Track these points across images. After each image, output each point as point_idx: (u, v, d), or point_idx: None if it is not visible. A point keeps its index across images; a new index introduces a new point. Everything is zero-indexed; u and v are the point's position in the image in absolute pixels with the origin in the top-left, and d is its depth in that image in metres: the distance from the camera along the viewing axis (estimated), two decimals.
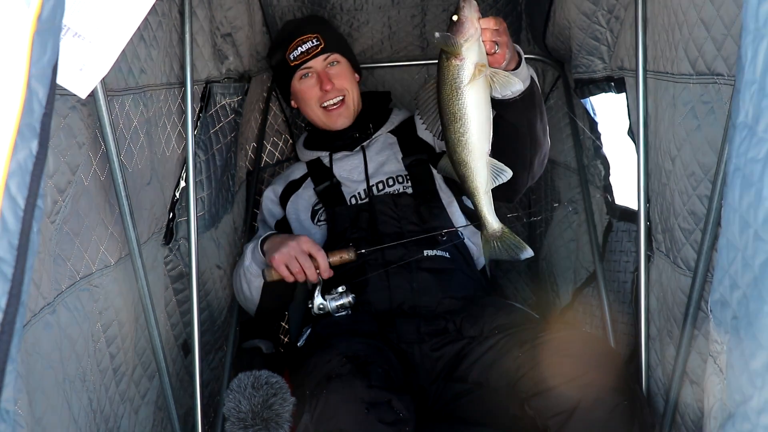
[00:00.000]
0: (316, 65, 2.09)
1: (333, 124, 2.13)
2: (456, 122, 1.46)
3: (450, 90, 1.44)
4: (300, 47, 2.09)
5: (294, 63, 2.09)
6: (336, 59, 2.12)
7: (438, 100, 1.48)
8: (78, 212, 1.24)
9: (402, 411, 1.46)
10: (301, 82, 2.11)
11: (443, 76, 1.44)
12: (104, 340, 1.37)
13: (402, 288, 1.85)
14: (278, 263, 1.79)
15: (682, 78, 1.40)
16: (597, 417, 1.42)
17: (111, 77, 1.34)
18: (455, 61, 1.41)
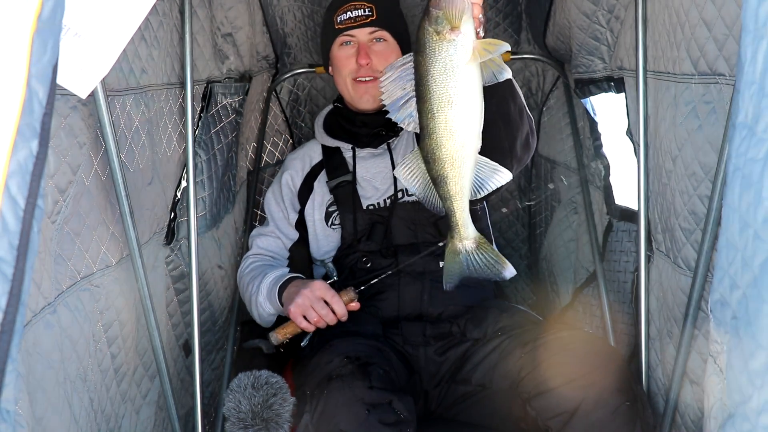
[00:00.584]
0: (360, 36, 1.93)
1: (358, 99, 1.95)
2: (447, 109, 1.26)
3: (443, 69, 1.24)
4: (349, 12, 1.94)
5: (338, 27, 1.94)
6: (383, 36, 1.94)
7: (421, 82, 1.27)
8: (79, 212, 1.25)
9: (403, 412, 1.46)
10: (341, 48, 1.96)
11: (434, 52, 1.24)
12: (105, 340, 1.37)
13: (412, 298, 1.84)
14: (296, 315, 1.74)
15: (684, 78, 1.40)
16: (598, 418, 1.42)
17: (112, 77, 1.34)
18: (451, 35, 1.23)
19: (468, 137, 1.29)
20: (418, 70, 1.27)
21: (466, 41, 1.23)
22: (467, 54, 1.23)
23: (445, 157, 1.30)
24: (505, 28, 2.50)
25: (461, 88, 1.25)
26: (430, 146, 1.30)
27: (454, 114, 1.26)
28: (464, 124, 1.28)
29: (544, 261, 2.56)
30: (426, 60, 1.25)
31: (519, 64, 2.61)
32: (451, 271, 1.44)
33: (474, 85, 1.26)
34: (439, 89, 1.25)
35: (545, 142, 2.59)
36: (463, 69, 1.24)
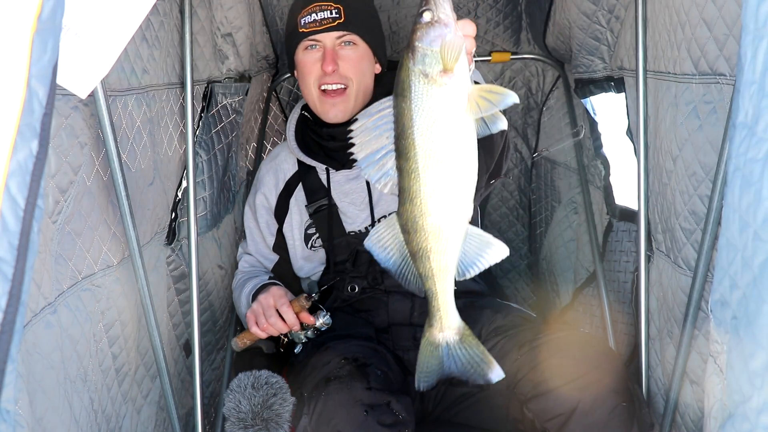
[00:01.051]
0: (326, 40, 1.75)
1: (325, 113, 1.79)
2: (435, 169, 1.03)
3: (431, 120, 1.01)
4: (314, 14, 1.75)
5: (302, 30, 1.76)
6: (352, 40, 1.76)
7: (404, 134, 1.03)
8: (80, 212, 1.25)
9: (401, 413, 1.46)
10: (305, 53, 1.78)
11: (420, 98, 1.01)
12: (106, 340, 1.37)
13: (401, 311, 1.82)
14: (249, 321, 1.72)
15: (685, 78, 1.40)
16: (596, 418, 1.42)
17: (113, 77, 1.34)
18: (442, 78, 1.00)
19: (459, 204, 1.06)
20: (400, 119, 1.04)
21: (461, 86, 1.02)
22: (462, 102, 1.02)
23: (429, 227, 1.06)
24: (505, 28, 2.50)
25: (453, 144, 1.03)
26: (412, 214, 1.06)
27: (443, 175, 1.04)
28: (455, 189, 1.05)
29: (544, 261, 2.56)
30: (410, 108, 1.02)
31: (519, 64, 2.61)
32: (428, 367, 1.21)
33: (469, 140, 1.04)
34: (425, 145, 1.02)
35: (545, 142, 2.59)
36: (456, 121, 1.02)
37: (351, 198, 1.85)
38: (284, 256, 1.95)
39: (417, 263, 1.11)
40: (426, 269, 1.10)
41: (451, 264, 1.09)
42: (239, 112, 2.13)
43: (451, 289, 1.13)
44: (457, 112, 1.01)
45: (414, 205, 1.06)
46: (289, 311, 1.69)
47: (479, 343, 1.20)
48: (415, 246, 1.09)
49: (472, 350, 1.18)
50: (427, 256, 1.09)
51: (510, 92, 1.01)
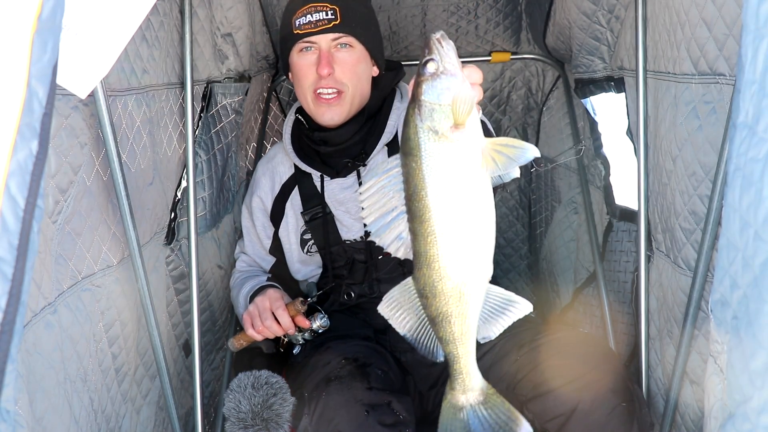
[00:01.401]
0: (322, 42, 1.70)
1: (320, 116, 1.75)
2: (453, 230, 0.98)
3: (445, 179, 0.94)
4: (309, 15, 1.70)
5: (297, 31, 1.71)
6: (349, 42, 1.71)
7: (416, 196, 0.97)
8: (80, 212, 1.25)
9: (402, 413, 1.46)
10: (300, 55, 1.73)
11: (431, 156, 0.95)
12: (106, 340, 1.37)
13: None
14: (246, 323, 1.72)
15: (685, 78, 1.40)
16: (595, 419, 1.42)
17: (113, 77, 1.34)
18: (453, 134, 0.94)
19: (479, 265, 1.02)
20: (411, 179, 0.97)
21: (474, 141, 0.95)
22: (476, 157, 0.95)
23: (449, 291, 1.02)
24: (505, 28, 2.50)
25: (470, 203, 0.97)
26: (430, 278, 1.01)
27: (461, 237, 0.98)
28: (476, 249, 1.00)
29: (544, 261, 2.56)
30: (421, 167, 0.95)
31: (519, 64, 2.61)
32: (450, 430, 1.15)
33: (485, 196, 0.98)
34: (441, 206, 0.96)
35: (545, 142, 2.59)
36: (471, 178, 0.95)
37: (346, 207, 1.82)
38: (281, 258, 1.94)
39: (437, 328, 1.06)
40: (447, 333, 1.06)
41: (472, 326, 1.06)
42: (239, 113, 2.13)
43: (473, 351, 1.09)
44: (471, 169, 0.95)
45: (432, 269, 1.01)
46: (284, 314, 1.69)
47: (504, 401, 1.15)
48: (434, 311, 1.04)
49: (497, 409, 1.13)
50: (447, 320, 1.04)
51: (529, 146, 0.96)
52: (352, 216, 1.81)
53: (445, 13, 2.45)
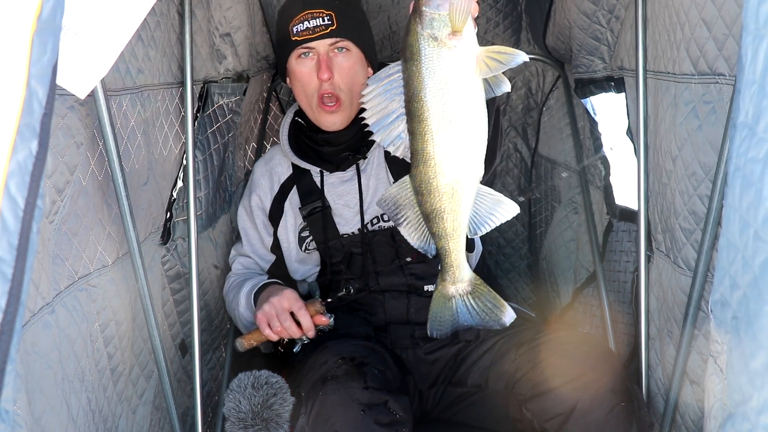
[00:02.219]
0: (320, 47, 1.74)
1: (323, 122, 1.80)
2: (448, 130, 1.06)
3: (443, 82, 1.03)
4: (306, 22, 1.73)
5: (295, 38, 1.74)
6: (346, 46, 1.75)
7: (416, 97, 1.06)
8: (76, 212, 1.24)
9: (398, 412, 1.45)
10: (299, 61, 1.77)
11: (431, 61, 1.03)
12: (102, 339, 1.37)
13: (398, 310, 1.81)
14: (261, 322, 1.67)
15: (684, 78, 1.40)
16: (594, 419, 1.42)
17: (109, 77, 1.34)
18: (452, 40, 1.02)
19: (472, 164, 1.10)
20: (411, 83, 1.06)
21: (470, 48, 1.04)
22: (471, 63, 1.04)
23: (443, 188, 1.09)
24: (505, 28, 2.50)
25: (465, 105, 1.05)
26: (426, 175, 1.09)
27: (456, 136, 1.06)
28: (468, 149, 1.08)
29: (544, 261, 2.56)
30: (421, 71, 1.04)
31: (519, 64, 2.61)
32: (441, 318, 1.25)
33: (479, 100, 1.07)
34: (438, 107, 1.04)
35: (545, 142, 2.59)
36: (466, 82, 1.04)
37: (345, 200, 1.84)
38: (280, 257, 1.94)
39: (430, 224, 1.14)
40: (440, 229, 1.13)
41: (463, 223, 1.13)
42: (236, 113, 2.13)
43: (463, 246, 1.17)
44: (467, 74, 1.04)
45: (428, 166, 1.08)
46: (306, 316, 1.67)
47: (490, 290, 1.24)
48: (428, 207, 1.12)
49: (484, 297, 1.22)
50: (441, 216, 1.12)
51: (518, 52, 1.04)
52: (351, 209, 1.83)
53: None
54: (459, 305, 1.24)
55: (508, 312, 1.23)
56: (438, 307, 1.25)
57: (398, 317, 1.81)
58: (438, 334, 1.29)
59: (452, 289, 1.22)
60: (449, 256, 1.17)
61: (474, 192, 1.13)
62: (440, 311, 1.24)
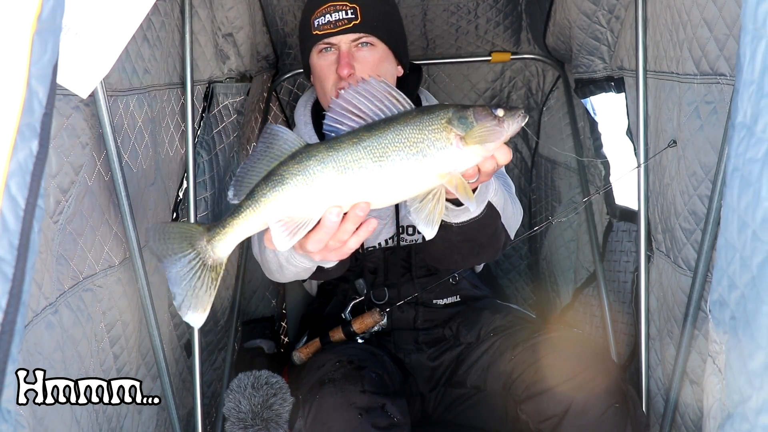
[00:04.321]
0: (341, 43, 1.62)
1: None
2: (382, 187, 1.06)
3: (413, 150, 1.04)
4: (328, 15, 1.62)
5: (316, 32, 1.63)
6: (370, 42, 1.63)
7: (381, 132, 1.05)
8: (81, 212, 1.25)
9: (396, 415, 1.45)
10: (320, 56, 1.65)
11: (422, 130, 1.04)
12: (108, 340, 1.37)
13: (405, 320, 1.82)
14: (316, 248, 1.20)
15: (687, 78, 1.40)
16: (588, 420, 1.41)
17: (115, 77, 1.34)
18: (456, 140, 1.04)
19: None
20: (391, 121, 1.06)
21: (458, 162, 1.05)
22: (444, 168, 1.04)
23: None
24: (506, 28, 2.50)
25: (407, 179, 1.05)
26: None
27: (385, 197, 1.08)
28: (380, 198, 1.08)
29: (544, 261, 2.56)
30: (408, 125, 1.04)
31: (519, 64, 2.61)
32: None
33: (414, 188, 1.07)
34: (390, 156, 1.04)
35: (545, 142, 2.59)
36: (426, 172, 1.04)
37: (378, 212, 1.77)
38: None
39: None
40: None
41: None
42: (240, 113, 2.13)
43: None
44: (434, 169, 1.05)
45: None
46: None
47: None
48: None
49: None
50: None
51: (472, 201, 1.07)
52: (381, 221, 1.78)
53: (446, 13, 2.45)
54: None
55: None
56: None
57: (404, 326, 1.81)
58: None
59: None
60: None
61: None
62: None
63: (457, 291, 1.86)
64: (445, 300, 1.85)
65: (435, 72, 2.64)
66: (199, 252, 1.08)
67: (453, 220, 1.31)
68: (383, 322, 1.75)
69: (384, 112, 1.07)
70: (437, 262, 1.62)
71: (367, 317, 1.73)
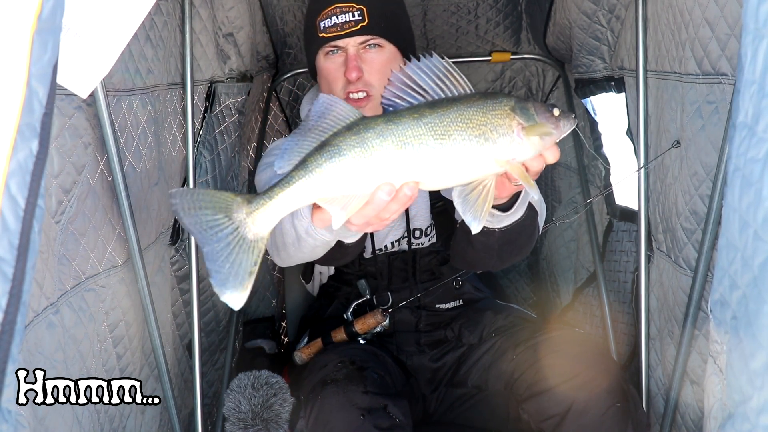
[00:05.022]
0: (349, 46, 1.58)
1: None
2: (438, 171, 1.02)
3: (478, 133, 1.01)
4: (334, 17, 1.57)
5: (322, 35, 1.59)
6: (378, 43, 1.59)
7: (446, 115, 1.01)
8: (84, 212, 1.25)
9: (398, 416, 1.45)
10: (327, 58, 1.61)
11: (486, 116, 1.01)
12: (110, 340, 1.37)
13: (407, 323, 1.82)
14: (362, 221, 1.09)
15: (689, 78, 1.40)
16: (589, 420, 1.41)
17: (118, 78, 1.34)
18: (517, 130, 1.02)
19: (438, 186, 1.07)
20: (454, 101, 1.02)
21: (518, 151, 1.02)
22: (504, 156, 1.01)
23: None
24: (506, 28, 2.50)
25: (467, 161, 1.01)
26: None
27: (439, 180, 1.03)
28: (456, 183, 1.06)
29: (544, 261, 2.56)
30: (471, 107, 1.01)
31: (519, 64, 2.61)
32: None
33: (472, 173, 1.03)
34: (455, 137, 1.00)
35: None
36: (487, 156, 1.01)
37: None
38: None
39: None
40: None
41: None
42: (241, 113, 2.13)
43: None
44: (492, 155, 1.02)
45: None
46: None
47: None
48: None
49: None
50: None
51: (535, 190, 1.04)
52: (391, 226, 1.76)
53: (446, 13, 2.45)
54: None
55: None
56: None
57: (406, 328, 1.82)
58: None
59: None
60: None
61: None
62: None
63: (460, 295, 1.86)
64: (448, 305, 1.85)
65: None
66: (238, 225, 0.98)
67: (496, 226, 1.28)
68: (385, 323, 1.74)
69: (444, 91, 1.03)
70: (471, 266, 1.57)
71: (369, 318, 1.73)
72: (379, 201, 1.01)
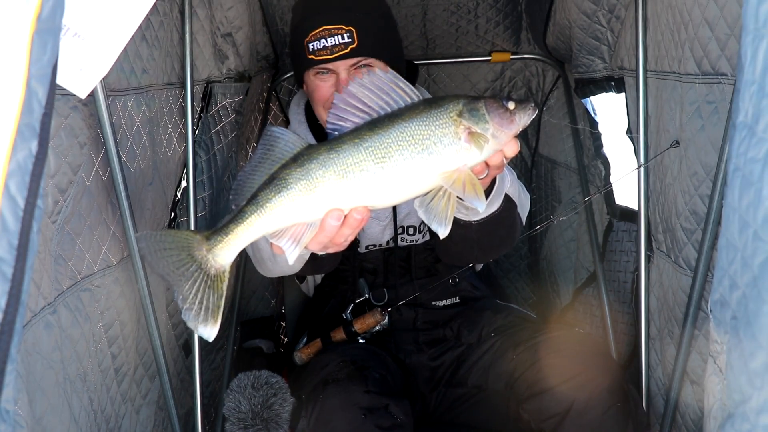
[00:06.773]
0: (339, 68, 1.59)
1: None
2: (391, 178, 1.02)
3: (420, 145, 1.00)
4: (324, 40, 1.56)
5: (312, 57, 1.58)
6: (368, 63, 1.59)
7: (385, 130, 1.01)
8: (79, 212, 1.25)
9: (399, 416, 1.45)
10: (316, 77, 1.62)
11: (431, 124, 1.00)
12: (106, 340, 1.37)
13: (404, 321, 1.83)
14: (320, 244, 1.15)
15: (689, 78, 1.40)
16: (590, 419, 1.42)
17: (113, 77, 1.34)
18: (465, 135, 1.00)
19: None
20: (396, 117, 1.01)
21: (467, 158, 1.01)
22: (452, 166, 1.00)
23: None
24: (505, 28, 2.50)
25: (410, 180, 1.01)
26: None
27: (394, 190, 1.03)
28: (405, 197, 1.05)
29: (544, 261, 2.56)
30: (413, 121, 1.00)
31: (519, 64, 2.61)
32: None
33: (420, 184, 1.03)
34: (395, 152, 1.00)
35: (545, 142, 2.59)
36: (431, 172, 1.00)
37: (376, 212, 1.73)
38: None
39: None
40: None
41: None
42: (239, 113, 2.13)
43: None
44: (439, 166, 1.01)
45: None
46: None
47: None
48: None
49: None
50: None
51: (480, 204, 1.02)
52: (380, 221, 1.77)
53: (446, 13, 2.45)
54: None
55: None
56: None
57: (404, 327, 1.82)
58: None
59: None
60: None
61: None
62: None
63: (456, 292, 1.86)
64: (445, 302, 1.85)
65: (435, 72, 2.64)
66: (201, 262, 1.03)
67: (473, 219, 1.29)
68: (384, 322, 1.75)
69: (391, 105, 1.02)
70: (456, 259, 1.61)
71: (368, 317, 1.73)
72: (330, 228, 1.03)
